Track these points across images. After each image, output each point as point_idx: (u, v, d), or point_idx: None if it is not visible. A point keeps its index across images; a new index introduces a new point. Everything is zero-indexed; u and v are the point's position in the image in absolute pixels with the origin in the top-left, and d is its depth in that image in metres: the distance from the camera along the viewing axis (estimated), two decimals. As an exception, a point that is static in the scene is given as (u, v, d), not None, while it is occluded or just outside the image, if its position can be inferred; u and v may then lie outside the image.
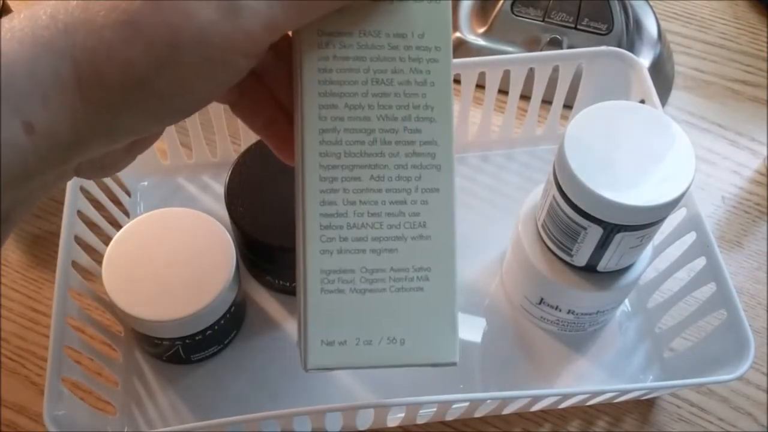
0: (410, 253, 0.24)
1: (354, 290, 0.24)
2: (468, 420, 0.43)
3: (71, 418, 0.37)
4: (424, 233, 0.25)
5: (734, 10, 0.64)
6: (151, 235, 0.41)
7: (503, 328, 0.46)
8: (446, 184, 0.25)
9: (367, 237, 0.24)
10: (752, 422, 0.44)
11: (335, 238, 0.24)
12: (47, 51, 0.20)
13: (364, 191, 0.24)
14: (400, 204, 0.24)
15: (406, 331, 0.24)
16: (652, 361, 0.45)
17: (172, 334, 0.40)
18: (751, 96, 0.58)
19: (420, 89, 0.24)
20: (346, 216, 0.24)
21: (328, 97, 0.24)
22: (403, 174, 0.24)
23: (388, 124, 0.24)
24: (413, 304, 0.24)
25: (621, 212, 0.35)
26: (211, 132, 0.50)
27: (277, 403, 0.43)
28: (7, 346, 0.45)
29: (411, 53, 0.24)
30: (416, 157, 0.25)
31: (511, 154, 0.54)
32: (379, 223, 0.24)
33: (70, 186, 0.43)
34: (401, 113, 0.24)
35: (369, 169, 0.24)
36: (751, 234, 0.51)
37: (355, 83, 0.24)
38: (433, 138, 0.25)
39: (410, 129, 0.24)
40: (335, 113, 0.24)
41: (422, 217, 0.25)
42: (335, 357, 0.24)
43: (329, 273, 0.24)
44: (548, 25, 0.56)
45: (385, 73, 0.24)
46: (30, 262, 0.48)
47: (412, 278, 0.24)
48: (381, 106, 0.24)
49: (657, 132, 0.37)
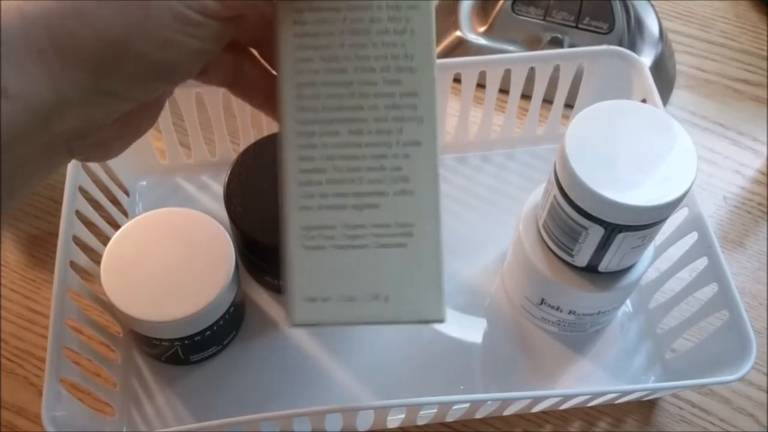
0: (392, 209, 0.24)
1: (336, 246, 0.24)
2: (468, 421, 0.43)
3: (70, 418, 0.37)
4: (407, 188, 0.24)
5: (735, 9, 0.64)
6: (149, 235, 0.41)
7: (504, 329, 0.46)
8: (429, 137, 0.24)
9: (347, 192, 0.24)
10: (754, 423, 0.44)
11: (315, 194, 0.24)
12: (16, 18, 0.21)
13: (343, 146, 0.24)
14: (380, 158, 0.24)
15: (391, 287, 0.24)
16: (653, 361, 0.45)
17: (170, 334, 0.40)
18: (752, 95, 0.58)
19: (399, 38, 0.24)
20: (326, 172, 0.24)
21: (304, 50, 0.23)
22: (384, 127, 0.24)
23: (366, 75, 0.23)
24: (397, 261, 0.24)
25: (622, 212, 0.35)
26: (210, 132, 0.50)
27: (276, 403, 0.43)
28: (5, 347, 0.45)
29: (389, 0, 0.23)
30: (396, 110, 0.24)
31: (512, 154, 0.54)
32: (359, 177, 0.24)
33: (68, 185, 0.43)
34: (380, 64, 0.24)
35: (348, 123, 0.24)
36: (753, 234, 0.51)
37: (331, 34, 0.23)
38: (414, 89, 0.24)
39: (390, 80, 0.24)
40: (311, 66, 0.23)
41: (404, 171, 0.24)
42: (319, 313, 0.24)
43: (310, 229, 0.24)
44: (549, 24, 0.56)
45: (362, 23, 0.23)
46: (28, 263, 0.48)
47: (395, 234, 0.24)
48: (358, 57, 0.23)
49: (658, 131, 0.37)
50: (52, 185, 0.51)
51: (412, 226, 0.24)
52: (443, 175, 0.52)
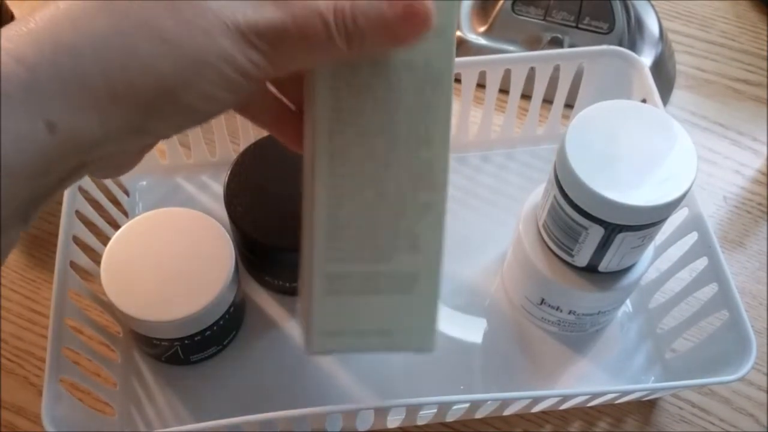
0: (402, 262, 0.27)
1: (352, 291, 0.27)
2: (468, 421, 0.43)
3: (70, 418, 0.36)
4: (417, 244, 0.27)
5: (735, 9, 0.64)
6: (149, 235, 0.41)
7: (504, 329, 0.46)
8: (439, 201, 0.27)
9: (367, 246, 0.27)
10: (754, 423, 0.44)
11: (340, 247, 0.27)
12: (64, 53, 0.21)
13: (367, 208, 0.27)
14: (398, 219, 0.27)
15: (394, 324, 0.28)
16: (653, 361, 0.45)
17: (170, 334, 0.40)
18: (752, 95, 0.58)
19: (422, 115, 0.26)
20: (350, 228, 0.27)
21: (339, 123, 0.26)
22: (402, 192, 0.27)
23: (392, 147, 0.26)
24: (401, 304, 0.28)
25: (622, 212, 0.35)
26: (210, 132, 0.50)
27: (276, 404, 0.42)
28: (5, 347, 0.45)
29: (416, 83, 0.26)
30: (415, 177, 0.27)
31: (512, 154, 0.54)
32: (378, 234, 0.27)
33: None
34: (404, 137, 0.26)
35: (373, 187, 0.27)
36: (752, 234, 0.51)
37: (363, 112, 0.26)
38: (430, 158, 0.27)
39: (411, 151, 0.26)
40: (344, 139, 0.26)
41: (416, 230, 0.27)
42: (333, 344, 0.28)
43: (333, 277, 0.27)
44: (549, 24, 0.56)
45: (391, 103, 0.26)
46: (28, 263, 0.48)
47: (403, 283, 0.27)
48: (386, 132, 0.26)
49: (658, 131, 0.37)
50: (52, 185, 0.51)
51: (417, 276, 0.27)
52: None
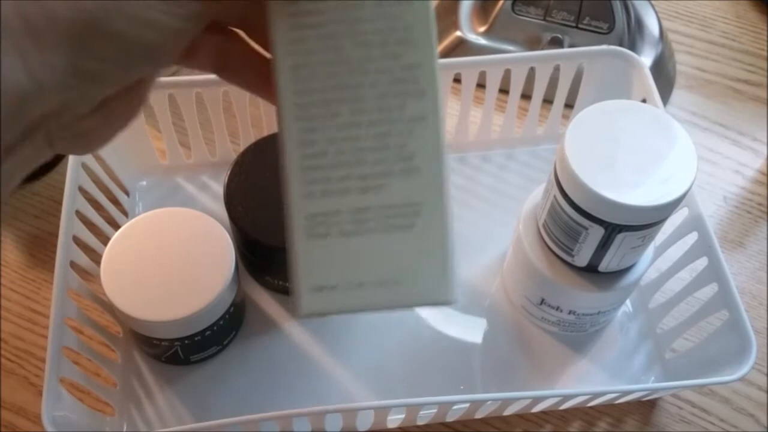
0: (398, 189, 0.23)
1: (342, 232, 0.23)
2: (468, 421, 0.43)
3: (70, 418, 0.37)
4: (412, 165, 0.23)
5: (735, 9, 0.64)
6: (149, 235, 0.41)
7: (504, 329, 0.46)
8: (433, 111, 0.23)
9: (351, 175, 0.23)
10: (754, 423, 0.44)
11: (318, 179, 0.23)
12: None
13: (345, 126, 0.23)
14: (384, 137, 0.23)
15: (399, 272, 0.23)
16: (653, 361, 0.45)
17: (170, 334, 0.40)
18: (752, 95, 0.58)
19: (396, 10, 0.23)
20: (328, 155, 0.23)
21: (298, 30, 0.23)
22: (385, 104, 0.23)
23: (364, 51, 0.23)
24: (404, 244, 0.23)
25: (622, 212, 0.35)
26: (210, 132, 0.50)
27: (276, 403, 0.43)
28: (5, 347, 0.45)
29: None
30: (397, 84, 0.23)
31: (512, 154, 0.54)
32: (363, 158, 0.23)
33: (68, 186, 0.43)
34: (377, 38, 0.23)
35: (348, 102, 0.23)
36: (752, 234, 0.51)
37: (325, 11, 0.23)
38: (414, 62, 0.23)
39: (389, 54, 0.23)
40: (306, 46, 0.23)
41: (409, 148, 0.23)
42: (328, 302, 0.23)
43: (315, 216, 0.23)
44: (549, 24, 0.56)
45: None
46: (28, 263, 0.48)
47: (402, 215, 0.23)
48: (355, 33, 0.23)
49: (658, 131, 0.37)
50: (52, 185, 0.51)
51: (419, 204, 0.23)
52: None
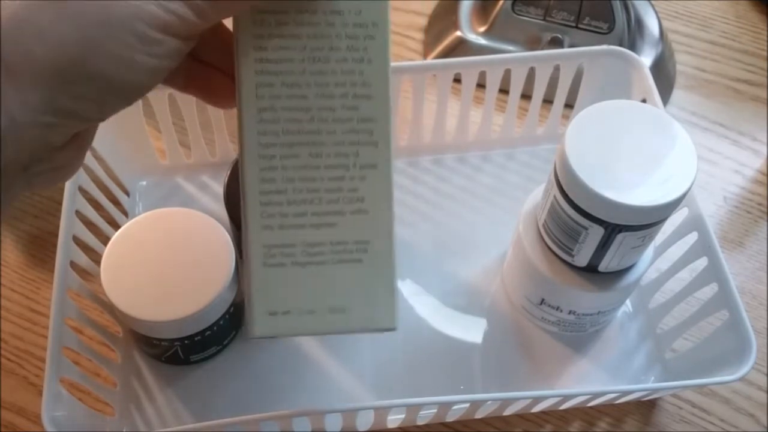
0: (349, 227, 0.25)
1: (295, 263, 0.25)
2: (468, 421, 0.43)
3: (70, 418, 0.37)
4: (362, 207, 0.25)
5: (735, 9, 0.64)
6: (149, 235, 0.41)
7: (504, 329, 0.46)
8: (383, 160, 0.25)
9: (306, 212, 0.25)
10: (754, 423, 0.44)
11: (275, 214, 0.25)
12: None
13: (303, 168, 0.25)
14: (338, 180, 0.25)
15: (348, 300, 0.25)
16: (653, 361, 0.45)
17: (170, 334, 0.40)
18: (752, 95, 0.58)
19: (357, 66, 0.25)
20: (286, 193, 0.25)
21: (265, 75, 0.24)
22: (341, 150, 0.25)
23: (325, 101, 0.25)
24: (353, 275, 0.25)
25: (622, 212, 0.35)
26: (210, 132, 0.50)
27: (276, 404, 0.43)
28: (5, 347, 0.45)
29: (347, 30, 0.25)
30: (354, 134, 0.25)
31: (512, 154, 0.54)
32: (318, 198, 0.25)
33: (68, 186, 0.43)
34: (338, 90, 0.25)
35: (307, 146, 0.25)
36: (752, 234, 0.51)
37: (292, 61, 0.24)
38: (370, 115, 0.25)
39: (348, 106, 0.25)
40: (272, 92, 0.24)
41: (360, 192, 0.25)
42: (279, 326, 0.25)
43: (271, 248, 0.25)
44: (549, 24, 0.56)
45: (321, 51, 0.24)
46: (28, 263, 0.48)
47: (351, 250, 0.25)
48: (318, 84, 0.25)
49: (658, 131, 0.37)
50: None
51: (367, 243, 0.25)
52: (443, 175, 0.52)
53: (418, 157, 0.53)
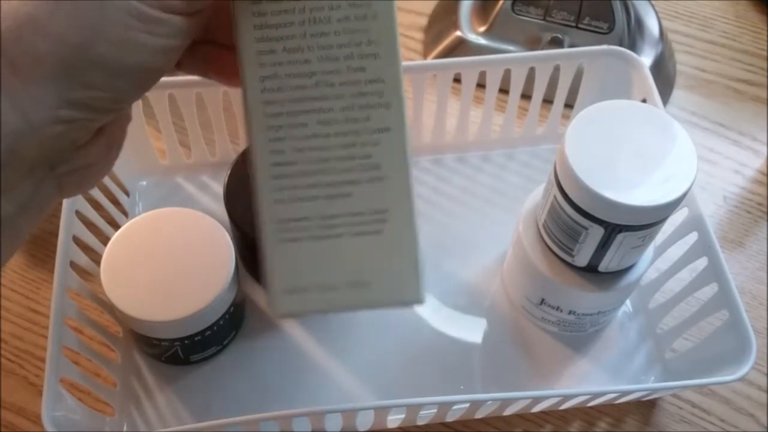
0: (365, 196, 0.24)
1: (311, 237, 0.24)
2: (468, 421, 0.43)
3: (70, 418, 0.37)
4: (378, 174, 0.24)
5: (735, 9, 0.64)
6: (149, 235, 0.41)
7: (504, 329, 0.46)
8: (397, 122, 0.24)
9: (319, 183, 0.24)
10: (754, 423, 0.44)
11: (287, 187, 0.24)
12: None
13: (312, 137, 0.24)
14: (350, 147, 0.24)
15: (369, 274, 0.24)
16: (653, 361, 0.45)
17: (170, 334, 0.40)
18: (752, 95, 0.58)
19: (361, 24, 0.23)
20: (296, 164, 0.24)
21: (265, 42, 0.23)
22: (351, 115, 0.24)
23: (329, 64, 0.23)
24: (373, 247, 0.24)
25: (622, 212, 0.35)
26: (210, 131, 0.50)
27: (276, 404, 0.43)
28: (5, 347, 0.45)
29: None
30: (363, 97, 0.24)
31: (512, 154, 0.54)
32: (330, 168, 0.24)
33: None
34: (343, 52, 0.23)
35: (315, 113, 0.24)
36: (752, 234, 0.51)
37: (291, 24, 0.23)
38: (379, 75, 0.24)
39: (354, 68, 0.24)
40: (273, 58, 0.23)
41: (374, 158, 0.24)
42: (300, 304, 0.24)
43: (285, 222, 0.24)
44: (549, 24, 0.56)
45: (322, 11, 0.23)
46: (28, 263, 0.48)
47: (369, 221, 0.24)
48: (320, 46, 0.23)
49: (658, 131, 0.37)
50: (52, 185, 0.51)
51: (385, 212, 0.24)
52: (443, 175, 0.52)
53: (418, 157, 0.53)
